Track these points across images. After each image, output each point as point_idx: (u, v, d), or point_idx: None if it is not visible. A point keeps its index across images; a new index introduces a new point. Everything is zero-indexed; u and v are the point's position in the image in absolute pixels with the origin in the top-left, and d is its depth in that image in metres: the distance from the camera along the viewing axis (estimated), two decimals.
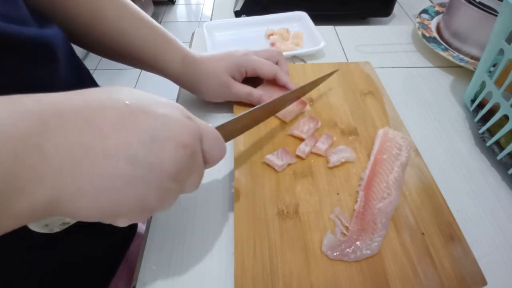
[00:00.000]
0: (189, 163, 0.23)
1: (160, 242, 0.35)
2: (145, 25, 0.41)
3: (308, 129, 0.42)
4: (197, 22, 2.56)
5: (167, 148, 0.21)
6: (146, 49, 0.42)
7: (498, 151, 0.42)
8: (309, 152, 0.40)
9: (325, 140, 0.41)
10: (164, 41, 0.43)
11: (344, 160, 0.39)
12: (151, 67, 0.43)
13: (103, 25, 0.39)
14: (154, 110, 0.21)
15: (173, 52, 0.43)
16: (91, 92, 0.20)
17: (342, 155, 0.40)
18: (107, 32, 0.39)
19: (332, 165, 0.39)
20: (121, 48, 0.41)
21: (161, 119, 0.21)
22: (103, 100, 0.20)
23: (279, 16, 0.68)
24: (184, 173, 0.23)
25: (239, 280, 0.30)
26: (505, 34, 0.40)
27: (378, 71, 0.54)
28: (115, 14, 0.39)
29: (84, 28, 0.38)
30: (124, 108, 0.20)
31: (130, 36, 0.40)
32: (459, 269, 0.31)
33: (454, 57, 0.56)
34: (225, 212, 0.37)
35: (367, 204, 0.35)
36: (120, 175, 0.19)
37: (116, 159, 0.19)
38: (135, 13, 0.41)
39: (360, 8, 0.84)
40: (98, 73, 2.02)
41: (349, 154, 0.40)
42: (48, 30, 0.30)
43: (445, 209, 0.35)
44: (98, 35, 0.39)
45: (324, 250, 0.32)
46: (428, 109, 0.50)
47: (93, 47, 0.41)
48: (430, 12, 0.68)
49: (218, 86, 0.44)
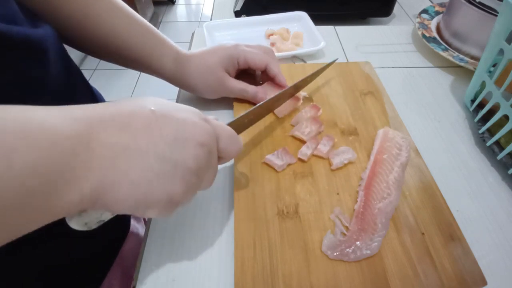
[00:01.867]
0: (207, 160, 0.26)
1: (160, 242, 0.35)
2: (138, 25, 0.41)
3: (310, 131, 0.42)
4: (197, 22, 2.56)
5: (188, 147, 0.24)
6: (141, 49, 0.42)
7: (498, 151, 0.42)
8: (311, 155, 0.40)
9: (326, 142, 0.41)
10: (158, 41, 0.43)
11: (346, 162, 0.39)
12: (146, 67, 0.43)
13: (96, 25, 0.39)
14: (174, 115, 0.24)
15: (166, 51, 0.43)
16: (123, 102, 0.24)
17: (344, 156, 0.39)
18: (100, 32, 0.39)
19: (335, 167, 0.39)
20: (115, 49, 0.41)
21: (181, 122, 0.24)
22: (133, 108, 0.23)
23: (279, 16, 0.68)
24: (203, 169, 0.26)
25: (239, 280, 0.30)
26: (505, 34, 0.40)
27: (378, 71, 0.54)
28: (107, 14, 0.39)
29: (77, 28, 0.38)
30: (150, 114, 0.23)
31: (124, 36, 0.40)
32: (459, 269, 0.31)
33: (454, 57, 0.56)
34: (225, 212, 0.37)
35: (367, 204, 0.35)
36: (150, 170, 0.22)
37: (147, 156, 0.22)
38: (128, 14, 0.41)
39: (360, 8, 0.84)
40: (98, 73, 2.01)
41: (351, 155, 0.40)
42: (39, 30, 0.30)
43: (445, 209, 0.35)
44: (92, 35, 0.39)
45: (324, 250, 0.32)
46: (428, 109, 0.50)
47: (88, 49, 0.41)
48: (430, 12, 0.68)
49: (213, 81, 0.44)
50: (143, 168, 0.22)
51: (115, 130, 0.22)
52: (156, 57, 0.43)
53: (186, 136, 0.24)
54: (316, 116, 0.45)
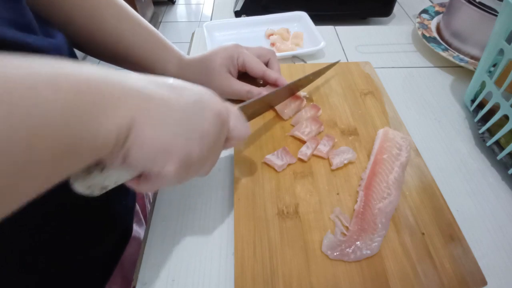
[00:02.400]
0: (219, 130, 0.27)
1: (160, 242, 0.35)
2: (143, 29, 0.42)
3: (310, 131, 0.42)
4: (197, 22, 2.56)
5: (206, 112, 0.26)
6: (145, 54, 0.42)
7: (498, 151, 0.42)
8: (311, 155, 0.40)
9: (326, 142, 0.41)
10: (162, 45, 0.44)
11: (346, 162, 0.39)
12: (149, 71, 0.44)
13: (102, 28, 0.39)
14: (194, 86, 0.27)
15: (170, 57, 0.44)
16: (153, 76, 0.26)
17: (344, 156, 0.39)
18: (107, 35, 0.40)
19: (335, 167, 0.39)
20: (120, 52, 0.42)
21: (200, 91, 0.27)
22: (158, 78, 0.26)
23: (279, 16, 0.68)
24: (215, 140, 0.27)
25: (239, 280, 0.30)
26: (505, 34, 0.40)
27: (378, 71, 0.54)
28: (114, 18, 0.39)
29: (84, 32, 0.39)
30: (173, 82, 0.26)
31: (129, 40, 0.41)
32: (459, 269, 0.31)
33: (454, 57, 0.56)
34: (225, 212, 0.37)
35: (367, 204, 0.35)
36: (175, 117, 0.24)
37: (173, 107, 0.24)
38: (134, 17, 0.41)
39: (360, 8, 0.84)
40: None
41: (351, 155, 0.40)
42: (53, 40, 0.30)
43: (445, 209, 0.35)
44: (98, 38, 0.40)
45: (324, 250, 0.32)
46: (428, 109, 0.50)
47: (94, 51, 0.42)
48: (430, 12, 0.68)
49: (217, 83, 0.44)
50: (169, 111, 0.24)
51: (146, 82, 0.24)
52: (160, 62, 0.44)
53: (205, 102, 0.26)
54: (316, 116, 0.45)
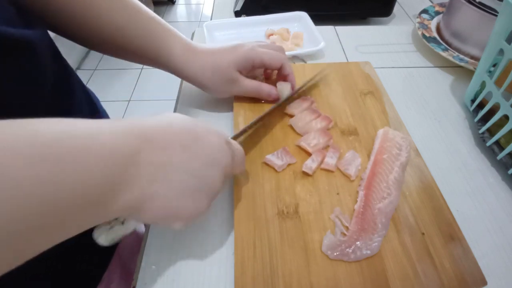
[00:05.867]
0: (224, 181, 0.29)
1: (160, 242, 0.35)
2: (144, 17, 0.40)
3: (317, 143, 0.40)
4: (197, 22, 2.57)
5: (217, 169, 0.28)
6: (147, 41, 0.41)
7: (498, 151, 0.42)
8: (316, 169, 0.38)
9: (333, 154, 0.39)
10: (165, 32, 0.42)
11: (360, 168, 0.39)
12: (153, 60, 0.42)
13: (97, 18, 0.38)
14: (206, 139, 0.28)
15: (175, 42, 0.42)
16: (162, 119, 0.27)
17: (355, 163, 0.38)
18: (104, 25, 0.38)
19: (354, 177, 0.38)
20: (120, 42, 0.40)
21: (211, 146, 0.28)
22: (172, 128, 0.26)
23: (279, 16, 0.68)
24: (220, 190, 0.29)
25: (239, 280, 0.30)
26: (505, 34, 0.40)
27: (378, 71, 0.54)
28: (108, 6, 0.38)
29: (79, 22, 0.37)
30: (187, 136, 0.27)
31: (129, 29, 0.39)
32: (459, 269, 0.31)
33: (454, 57, 0.56)
34: (225, 212, 0.37)
35: (367, 204, 0.35)
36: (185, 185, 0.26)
37: (183, 173, 0.25)
38: (131, 5, 0.40)
39: (360, 8, 0.84)
40: (98, 73, 2.01)
41: (359, 159, 0.39)
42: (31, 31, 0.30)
43: (445, 209, 0.35)
44: (95, 29, 0.38)
45: (324, 250, 0.32)
46: (428, 109, 0.50)
47: (92, 43, 0.41)
48: (430, 12, 0.68)
49: (226, 81, 0.43)
50: (178, 183, 0.25)
51: (159, 149, 0.24)
52: (163, 49, 0.41)
53: (215, 159, 0.28)
54: (326, 128, 0.43)
